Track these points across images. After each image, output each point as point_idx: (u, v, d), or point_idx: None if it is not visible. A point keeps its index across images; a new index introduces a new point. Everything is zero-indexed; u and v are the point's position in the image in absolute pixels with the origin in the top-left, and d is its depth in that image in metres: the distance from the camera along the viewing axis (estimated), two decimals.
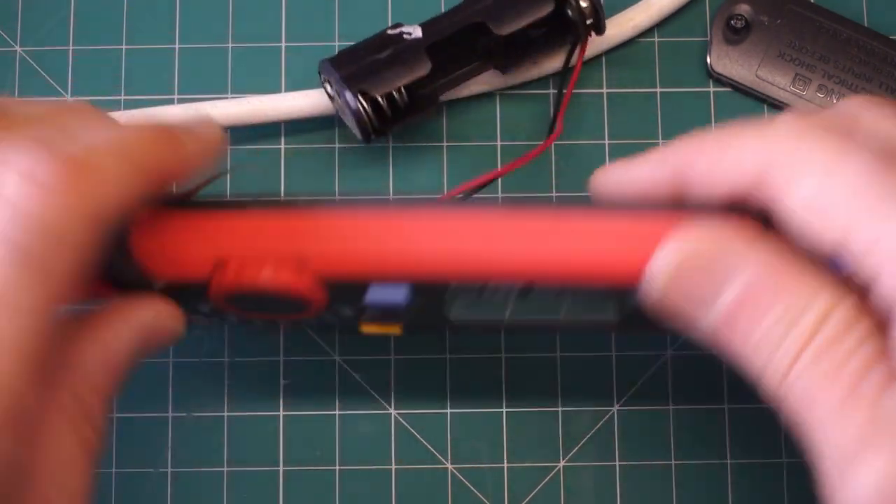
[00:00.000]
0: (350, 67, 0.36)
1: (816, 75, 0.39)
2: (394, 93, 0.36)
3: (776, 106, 0.39)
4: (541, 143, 0.37)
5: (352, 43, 0.40)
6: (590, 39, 0.37)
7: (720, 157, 0.27)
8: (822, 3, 0.40)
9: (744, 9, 0.39)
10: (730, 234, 0.26)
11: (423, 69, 0.36)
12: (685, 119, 0.39)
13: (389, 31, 0.37)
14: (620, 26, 0.39)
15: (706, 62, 0.39)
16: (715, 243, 0.26)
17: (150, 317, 0.29)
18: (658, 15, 0.39)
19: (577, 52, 0.38)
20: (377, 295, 0.29)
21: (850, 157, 0.25)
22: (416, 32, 0.36)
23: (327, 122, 0.39)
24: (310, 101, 0.38)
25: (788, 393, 0.25)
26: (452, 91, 0.38)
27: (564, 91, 0.37)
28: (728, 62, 0.39)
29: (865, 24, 0.40)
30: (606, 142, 0.39)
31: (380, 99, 0.36)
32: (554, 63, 0.39)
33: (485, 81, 0.39)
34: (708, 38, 0.39)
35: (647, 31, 0.40)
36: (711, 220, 0.26)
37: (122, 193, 0.25)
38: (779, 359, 0.25)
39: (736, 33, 0.39)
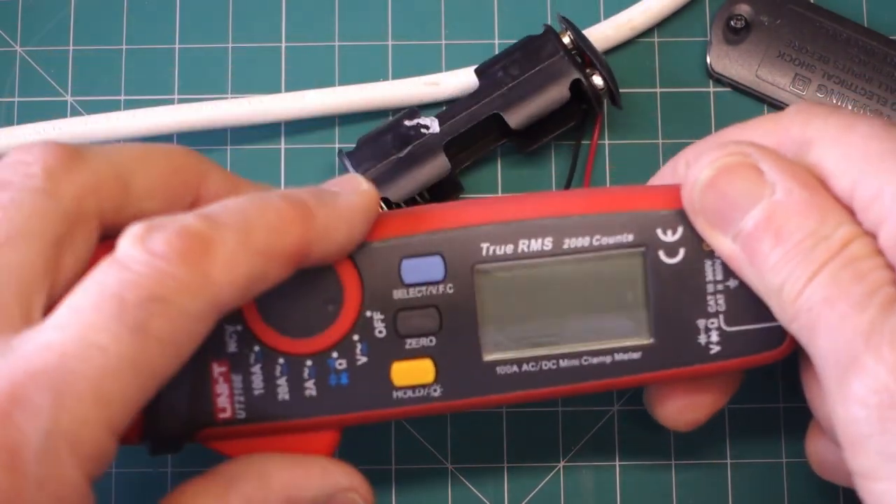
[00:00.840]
0: (369, 167, 0.36)
1: (816, 75, 0.39)
2: (416, 197, 0.36)
3: (776, 106, 0.39)
4: None
5: (353, 44, 0.40)
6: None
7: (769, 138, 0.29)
8: (822, 3, 0.40)
9: (744, 9, 0.39)
10: (769, 153, 0.28)
11: (442, 169, 0.36)
12: (685, 119, 0.39)
13: (406, 122, 0.37)
14: (619, 28, 0.39)
15: (706, 62, 0.39)
16: (753, 158, 0.28)
17: None
18: (657, 16, 0.39)
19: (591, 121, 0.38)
20: (413, 271, 0.30)
21: (857, 125, 0.28)
22: (434, 126, 0.36)
23: (327, 122, 0.39)
24: (310, 101, 0.38)
25: (801, 309, 0.26)
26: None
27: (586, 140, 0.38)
28: (728, 62, 0.39)
29: (865, 24, 0.40)
30: (607, 142, 0.39)
31: (402, 205, 0.36)
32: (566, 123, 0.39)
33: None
34: (708, 38, 0.39)
35: (647, 32, 0.40)
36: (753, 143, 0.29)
37: (236, 273, 0.26)
38: (797, 276, 0.26)
39: (736, 33, 0.39)
